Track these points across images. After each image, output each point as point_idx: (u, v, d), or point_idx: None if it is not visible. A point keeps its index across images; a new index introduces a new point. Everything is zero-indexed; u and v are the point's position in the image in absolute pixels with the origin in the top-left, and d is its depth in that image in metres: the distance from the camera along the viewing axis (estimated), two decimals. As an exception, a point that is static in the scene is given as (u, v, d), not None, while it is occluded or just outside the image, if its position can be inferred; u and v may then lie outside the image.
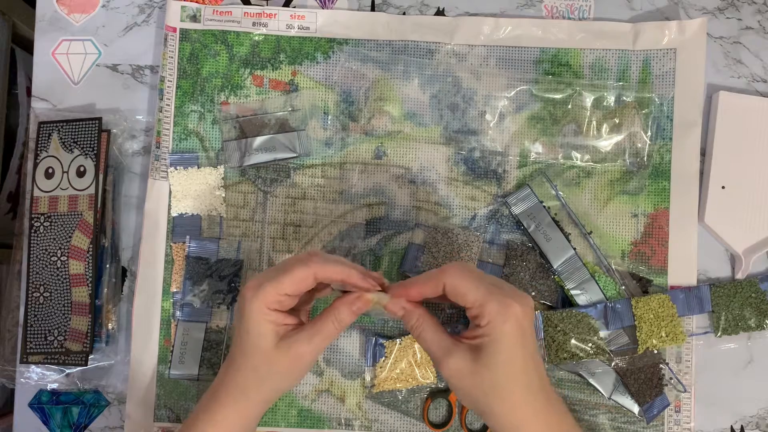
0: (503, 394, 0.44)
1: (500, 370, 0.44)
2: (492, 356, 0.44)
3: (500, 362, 0.44)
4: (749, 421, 0.60)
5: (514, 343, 0.44)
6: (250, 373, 0.47)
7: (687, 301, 0.58)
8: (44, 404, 0.59)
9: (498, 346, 0.44)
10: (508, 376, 0.44)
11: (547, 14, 0.63)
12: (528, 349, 0.45)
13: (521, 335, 0.44)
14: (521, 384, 0.44)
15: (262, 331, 0.46)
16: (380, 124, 0.62)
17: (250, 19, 0.63)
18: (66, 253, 0.59)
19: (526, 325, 0.44)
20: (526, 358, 0.44)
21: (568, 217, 0.60)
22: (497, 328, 0.44)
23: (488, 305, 0.44)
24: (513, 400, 0.44)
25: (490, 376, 0.44)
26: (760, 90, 0.63)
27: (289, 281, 0.45)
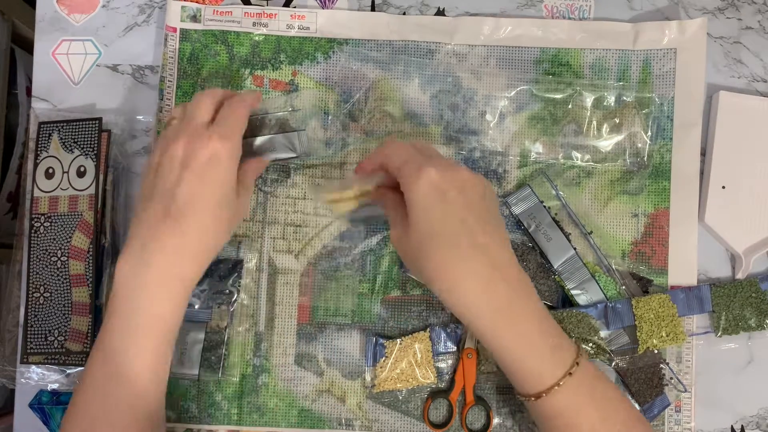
0: (427, 252, 0.46)
1: (420, 228, 0.46)
2: (411, 217, 0.46)
3: (418, 221, 0.46)
4: (749, 421, 0.60)
5: (426, 201, 0.46)
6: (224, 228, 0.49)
7: (687, 301, 0.58)
8: (45, 404, 0.59)
9: (413, 206, 0.46)
10: (428, 234, 0.46)
11: (547, 14, 0.63)
12: (448, 209, 0.46)
13: (436, 193, 0.46)
14: (443, 240, 0.45)
15: (233, 185, 0.49)
16: (380, 124, 0.62)
17: (251, 19, 0.63)
18: (66, 253, 0.59)
19: (444, 187, 0.46)
20: (446, 216, 0.46)
21: (569, 217, 0.60)
22: (410, 188, 0.46)
23: (404, 168, 0.47)
24: (438, 258, 0.46)
25: (414, 237, 0.46)
26: (761, 90, 0.63)
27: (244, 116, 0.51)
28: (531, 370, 0.47)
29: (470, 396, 0.58)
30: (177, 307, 0.49)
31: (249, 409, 0.60)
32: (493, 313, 0.46)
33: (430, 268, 0.46)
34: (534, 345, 0.47)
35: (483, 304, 0.46)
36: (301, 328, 0.60)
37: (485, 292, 0.46)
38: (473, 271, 0.45)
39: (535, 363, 0.47)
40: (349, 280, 0.61)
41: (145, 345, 0.48)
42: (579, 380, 0.47)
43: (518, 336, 0.46)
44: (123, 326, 0.48)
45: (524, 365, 0.47)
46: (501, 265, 0.46)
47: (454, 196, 0.46)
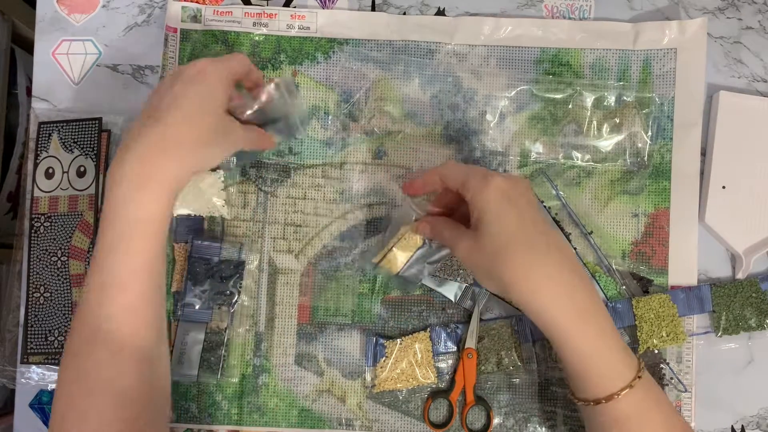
0: (505, 258, 0.46)
1: (494, 235, 0.46)
2: (483, 225, 0.46)
3: (492, 229, 0.46)
4: (750, 420, 0.60)
5: (499, 207, 0.46)
6: (207, 125, 0.48)
7: (687, 300, 0.58)
8: (45, 404, 0.59)
9: (485, 214, 0.46)
10: (504, 240, 0.46)
11: (547, 14, 0.63)
12: (521, 213, 0.46)
13: (506, 200, 0.46)
14: (521, 244, 0.46)
15: (222, 99, 0.49)
16: (381, 124, 0.62)
17: (251, 19, 0.63)
18: (66, 253, 0.59)
19: (512, 193, 0.47)
20: (521, 220, 0.46)
21: (569, 217, 0.60)
22: (479, 196, 0.47)
23: (469, 181, 0.47)
24: (517, 263, 0.46)
25: (489, 245, 0.46)
26: (761, 90, 0.63)
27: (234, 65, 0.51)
28: (607, 370, 0.46)
29: (470, 396, 0.58)
30: (159, 208, 0.47)
31: (249, 409, 0.60)
32: (576, 314, 0.46)
33: (509, 274, 0.46)
34: (611, 346, 0.46)
35: (567, 305, 0.46)
36: (302, 328, 0.60)
37: (568, 293, 0.46)
38: (555, 273, 0.46)
39: (611, 364, 0.46)
40: (349, 280, 0.61)
41: (126, 248, 0.46)
42: (647, 385, 0.47)
43: (597, 337, 0.46)
44: (105, 231, 0.46)
45: (600, 366, 0.46)
46: (575, 264, 0.47)
47: (522, 201, 0.47)
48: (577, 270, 0.47)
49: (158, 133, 0.46)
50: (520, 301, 0.46)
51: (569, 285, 0.46)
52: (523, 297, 0.46)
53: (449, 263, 0.58)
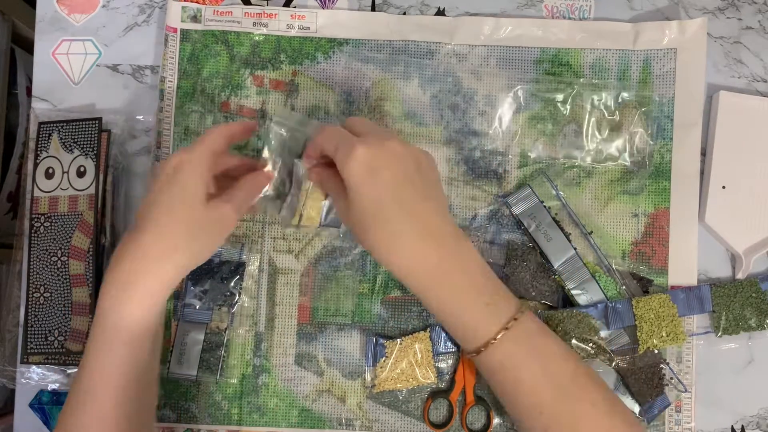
0: (364, 227, 0.48)
1: (355, 206, 0.48)
2: (349, 196, 0.48)
3: (353, 200, 0.48)
4: (750, 420, 0.60)
5: (359, 180, 0.47)
6: (182, 229, 0.48)
7: (687, 300, 0.58)
8: (45, 404, 0.59)
9: (348, 187, 0.48)
10: (363, 211, 0.48)
11: (547, 14, 0.63)
12: (379, 186, 0.47)
13: (367, 172, 0.47)
14: (379, 218, 0.47)
15: (200, 190, 0.49)
16: (381, 124, 0.62)
17: (251, 19, 0.63)
18: (66, 253, 0.59)
19: (374, 164, 0.47)
20: (378, 193, 0.47)
21: (569, 217, 0.60)
22: (343, 168, 0.47)
23: (338, 153, 0.48)
24: (373, 233, 0.48)
25: (353, 212, 0.48)
26: (761, 90, 0.63)
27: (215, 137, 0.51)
28: (466, 325, 0.49)
29: (470, 396, 0.58)
30: (144, 315, 0.48)
31: (249, 409, 0.60)
32: (424, 273, 0.48)
33: (368, 243, 0.49)
34: (466, 301, 0.49)
35: (415, 265, 0.48)
36: (302, 328, 0.60)
37: (416, 254, 0.48)
38: (405, 239, 0.48)
39: (469, 318, 0.48)
40: (349, 280, 0.61)
41: (105, 356, 0.47)
42: (517, 334, 0.48)
43: (450, 293, 0.48)
44: (91, 335, 0.48)
45: (459, 321, 0.49)
46: (433, 227, 0.48)
47: (385, 172, 0.47)
48: (434, 234, 0.48)
49: (141, 243, 0.48)
50: (383, 264, 0.50)
51: (422, 251, 0.48)
52: (383, 262, 0.49)
53: None
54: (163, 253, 0.48)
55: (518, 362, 0.48)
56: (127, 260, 0.47)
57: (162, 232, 0.48)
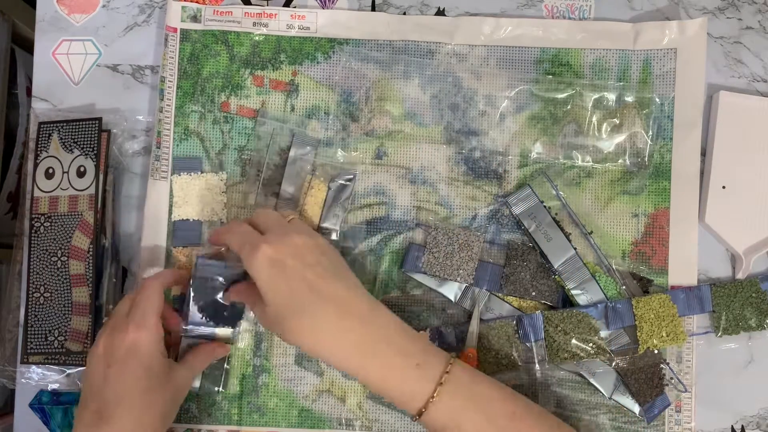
0: (283, 321, 0.49)
1: (270, 301, 0.49)
2: (261, 294, 0.49)
3: (267, 296, 0.49)
4: (750, 420, 0.60)
5: (268, 277, 0.49)
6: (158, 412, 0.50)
7: (687, 301, 0.58)
8: (45, 404, 0.59)
9: (259, 285, 0.49)
10: (278, 305, 0.49)
11: (547, 14, 0.63)
12: (288, 278, 0.49)
13: (274, 267, 0.49)
14: (294, 308, 0.48)
15: (160, 363, 0.51)
16: (381, 124, 0.62)
17: (251, 19, 0.63)
18: (66, 253, 0.59)
19: (278, 257, 0.49)
20: (289, 285, 0.49)
21: (569, 217, 0.60)
22: (251, 268, 0.49)
23: (242, 250, 0.50)
24: (293, 324, 0.49)
25: (269, 311, 0.49)
26: (761, 90, 0.63)
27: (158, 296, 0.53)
28: (403, 391, 0.49)
29: (470, 396, 0.58)
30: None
31: (249, 409, 0.60)
32: (352, 350, 0.49)
33: (290, 335, 0.49)
34: (397, 370, 0.49)
35: (341, 344, 0.49)
36: (302, 328, 0.60)
37: (339, 334, 0.49)
38: (324, 321, 0.49)
39: (405, 386, 0.48)
40: (349, 280, 0.60)
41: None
42: (452, 388, 0.48)
43: (380, 364, 0.49)
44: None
45: (395, 388, 0.49)
46: (348, 304, 0.49)
47: (292, 263, 0.49)
48: (351, 311, 0.49)
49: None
50: (311, 353, 0.50)
51: (344, 330, 0.49)
52: (310, 351, 0.49)
53: (448, 263, 0.58)
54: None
55: (459, 415, 0.48)
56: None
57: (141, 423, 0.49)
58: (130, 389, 0.49)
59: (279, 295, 0.49)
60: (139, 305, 0.52)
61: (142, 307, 0.52)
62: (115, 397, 0.49)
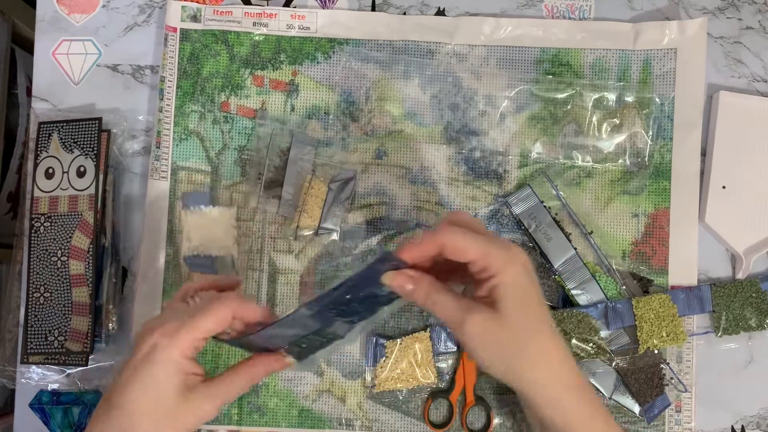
0: (532, 339, 0.43)
1: (520, 316, 0.42)
2: (509, 302, 0.42)
3: (518, 307, 0.42)
4: (750, 420, 0.60)
5: (525, 285, 0.43)
6: (151, 426, 0.43)
7: (688, 301, 0.58)
8: (45, 404, 0.59)
9: (512, 291, 0.42)
10: (528, 322, 0.43)
11: (547, 14, 0.63)
12: (539, 295, 0.44)
13: (529, 277, 0.43)
14: (546, 325, 0.44)
15: (174, 382, 0.43)
16: (381, 124, 0.62)
17: (251, 19, 0.63)
18: (66, 253, 0.59)
19: (531, 270, 0.44)
20: (540, 303, 0.44)
21: (569, 217, 0.60)
22: (508, 272, 0.42)
23: (493, 253, 0.42)
24: (538, 349, 0.43)
25: (515, 324, 0.42)
26: (761, 90, 0.63)
27: (209, 323, 0.43)
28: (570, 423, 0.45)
29: (470, 396, 0.58)
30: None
31: (249, 409, 0.60)
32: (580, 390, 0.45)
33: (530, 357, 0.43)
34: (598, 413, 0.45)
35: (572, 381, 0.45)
36: (302, 328, 0.60)
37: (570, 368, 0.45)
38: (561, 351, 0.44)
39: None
40: (349, 280, 0.60)
41: None
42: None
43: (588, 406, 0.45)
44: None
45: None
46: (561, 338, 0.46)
47: (536, 276, 0.44)
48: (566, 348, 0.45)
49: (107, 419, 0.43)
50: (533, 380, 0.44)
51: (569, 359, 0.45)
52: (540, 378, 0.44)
53: None
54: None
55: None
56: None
57: (131, 424, 0.43)
58: (132, 390, 0.43)
59: (534, 306, 0.43)
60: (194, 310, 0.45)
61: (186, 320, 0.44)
62: (118, 390, 0.44)
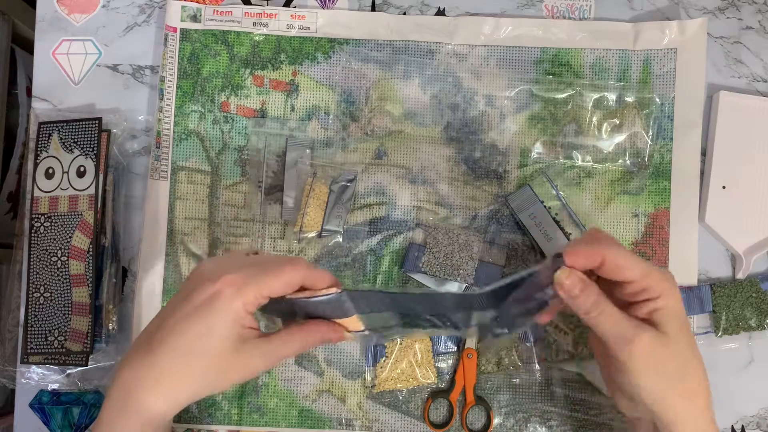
0: (687, 373, 0.44)
1: (684, 343, 0.43)
2: (674, 327, 0.42)
3: (682, 333, 0.43)
4: (750, 420, 0.60)
5: (684, 314, 0.44)
6: (198, 376, 0.42)
7: (688, 301, 0.58)
8: (45, 404, 0.59)
9: (676, 316, 0.43)
10: (691, 351, 0.44)
11: (547, 14, 0.63)
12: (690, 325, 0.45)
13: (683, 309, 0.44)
14: (702, 363, 0.44)
15: (231, 333, 0.42)
16: (381, 124, 0.62)
17: (251, 19, 0.63)
18: (66, 253, 0.59)
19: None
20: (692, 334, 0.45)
21: (569, 217, 0.60)
22: (673, 296, 0.43)
23: (655, 276, 0.42)
24: (698, 380, 0.44)
25: (678, 352, 0.43)
26: (761, 90, 0.63)
27: (279, 283, 0.42)
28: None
29: (470, 396, 0.58)
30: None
31: (249, 409, 0.60)
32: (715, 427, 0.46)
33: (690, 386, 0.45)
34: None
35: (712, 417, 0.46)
36: (302, 328, 0.60)
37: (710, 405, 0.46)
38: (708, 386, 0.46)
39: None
40: (349, 280, 0.61)
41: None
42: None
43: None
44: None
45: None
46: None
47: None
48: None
49: (145, 367, 0.42)
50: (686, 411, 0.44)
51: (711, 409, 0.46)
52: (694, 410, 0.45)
53: (449, 263, 0.58)
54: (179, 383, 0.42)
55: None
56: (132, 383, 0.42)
57: (183, 363, 0.42)
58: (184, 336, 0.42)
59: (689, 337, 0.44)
60: (262, 265, 0.43)
61: (260, 275, 0.42)
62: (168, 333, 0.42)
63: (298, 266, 0.43)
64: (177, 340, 0.42)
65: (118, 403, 0.43)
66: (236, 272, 0.42)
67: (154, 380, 0.42)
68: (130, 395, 0.42)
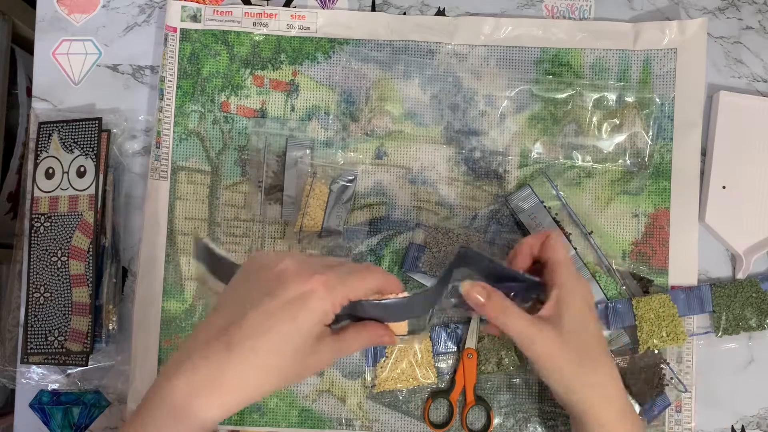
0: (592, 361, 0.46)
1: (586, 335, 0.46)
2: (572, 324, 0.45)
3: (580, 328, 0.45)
4: (750, 421, 0.60)
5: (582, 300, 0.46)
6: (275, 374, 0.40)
7: (688, 301, 0.58)
8: (45, 404, 0.59)
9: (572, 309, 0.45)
10: (592, 340, 0.46)
11: (547, 14, 0.63)
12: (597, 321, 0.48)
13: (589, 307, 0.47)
14: (601, 349, 0.47)
15: (315, 331, 0.41)
16: (381, 124, 0.62)
17: (251, 19, 0.63)
18: (66, 253, 0.59)
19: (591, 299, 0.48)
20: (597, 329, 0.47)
21: (569, 217, 0.60)
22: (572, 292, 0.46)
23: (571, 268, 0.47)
24: (599, 364, 0.46)
25: (578, 346, 0.45)
26: (761, 90, 0.63)
27: (364, 286, 0.42)
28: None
29: (470, 396, 0.58)
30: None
31: (249, 409, 0.60)
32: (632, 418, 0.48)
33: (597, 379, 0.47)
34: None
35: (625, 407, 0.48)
36: (302, 328, 0.60)
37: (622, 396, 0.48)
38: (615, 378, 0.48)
39: None
40: (349, 280, 0.60)
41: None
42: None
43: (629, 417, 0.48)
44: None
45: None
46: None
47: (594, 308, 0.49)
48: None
49: (212, 369, 0.39)
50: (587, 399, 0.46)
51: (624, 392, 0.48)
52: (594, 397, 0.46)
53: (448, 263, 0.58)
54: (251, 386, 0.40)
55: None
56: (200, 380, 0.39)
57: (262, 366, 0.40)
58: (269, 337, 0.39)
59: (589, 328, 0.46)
60: (347, 268, 0.42)
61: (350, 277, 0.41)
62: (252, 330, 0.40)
63: (376, 272, 0.43)
64: (258, 340, 0.40)
65: (172, 407, 0.39)
66: (326, 272, 0.41)
67: (219, 385, 0.39)
68: (190, 400, 0.39)
